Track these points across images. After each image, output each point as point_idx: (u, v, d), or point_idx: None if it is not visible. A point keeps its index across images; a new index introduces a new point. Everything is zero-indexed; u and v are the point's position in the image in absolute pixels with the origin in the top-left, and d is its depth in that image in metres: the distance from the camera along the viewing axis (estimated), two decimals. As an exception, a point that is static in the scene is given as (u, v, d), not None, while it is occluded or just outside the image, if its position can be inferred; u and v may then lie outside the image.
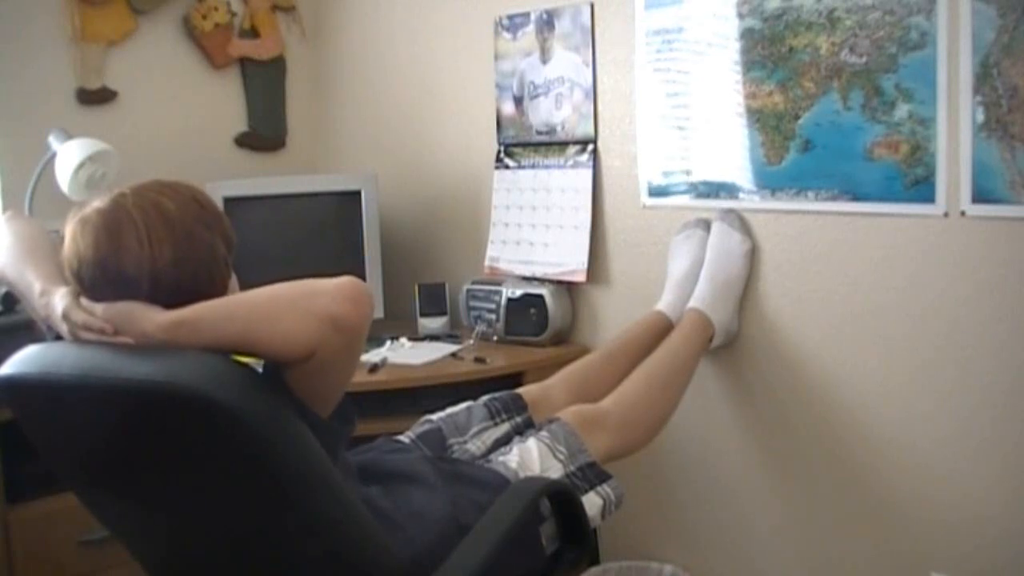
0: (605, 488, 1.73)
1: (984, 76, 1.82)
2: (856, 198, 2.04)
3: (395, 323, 2.81)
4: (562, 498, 1.62)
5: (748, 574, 2.35)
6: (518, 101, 2.69)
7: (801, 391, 2.19)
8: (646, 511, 2.47)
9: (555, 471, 1.70)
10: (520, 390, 1.99)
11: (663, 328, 2.23)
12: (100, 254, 1.31)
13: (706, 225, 2.28)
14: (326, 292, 1.24)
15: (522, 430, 1.86)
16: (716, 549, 2.41)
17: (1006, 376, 1.88)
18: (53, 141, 2.58)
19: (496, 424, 1.87)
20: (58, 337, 1.39)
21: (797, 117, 2.11)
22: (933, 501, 2.01)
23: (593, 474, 1.74)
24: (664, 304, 2.29)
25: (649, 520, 2.50)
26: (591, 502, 1.70)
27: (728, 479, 2.36)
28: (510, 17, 2.68)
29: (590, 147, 2.54)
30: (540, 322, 2.56)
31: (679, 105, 2.33)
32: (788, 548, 2.27)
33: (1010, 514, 1.90)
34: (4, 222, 1.59)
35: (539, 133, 2.65)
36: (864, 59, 1.99)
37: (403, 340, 2.65)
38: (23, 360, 1.34)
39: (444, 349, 2.57)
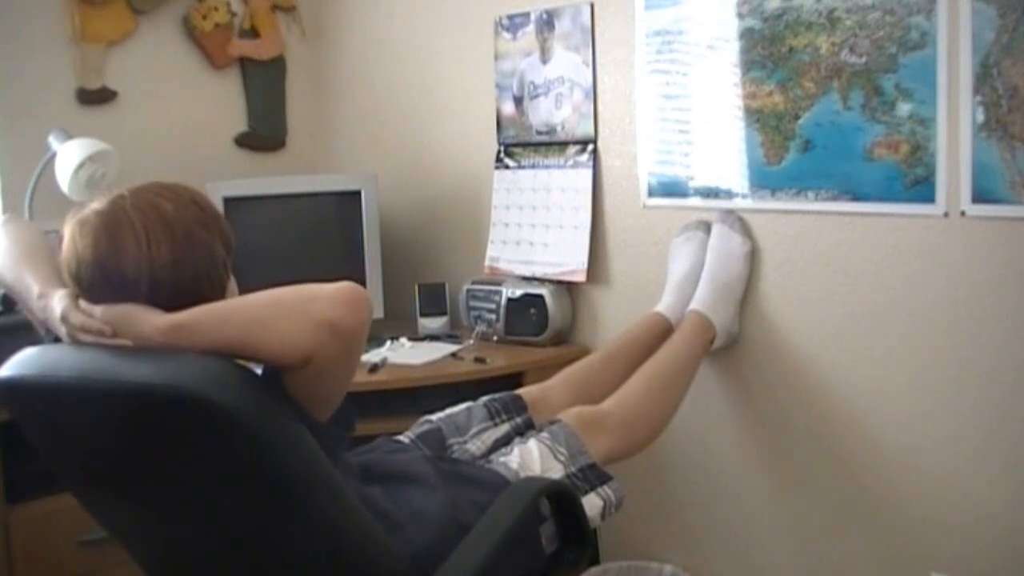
0: (606, 489, 1.73)
1: (984, 76, 1.82)
2: (856, 198, 2.04)
3: (395, 323, 2.81)
4: (562, 498, 1.62)
5: (748, 574, 2.35)
6: (518, 101, 2.69)
7: (801, 391, 2.19)
8: (646, 511, 2.47)
9: (556, 472, 1.70)
10: (520, 391, 1.99)
11: (663, 330, 2.23)
12: (99, 255, 1.31)
13: (706, 227, 2.28)
14: (324, 297, 1.24)
15: (522, 431, 1.86)
16: (716, 549, 2.41)
17: (1006, 376, 1.88)
18: (53, 141, 2.58)
19: (496, 424, 1.87)
20: (56, 339, 1.39)
21: (797, 117, 2.11)
22: (933, 501, 2.01)
23: (594, 475, 1.74)
24: (664, 306, 2.29)
25: (649, 520, 2.50)
26: (591, 503, 1.70)
27: (728, 479, 2.36)
28: (510, 17, 2.68)
29: (590, 147, 2.54)
30: (540, 322, 2.56)
31: (679, 106, 2.33)
32: (788, 548, 2.27)
33: (1010, 513, 1.90)
34: (1, 226, 1.59)
35: (539, 133, 2.65)
36: (864, 59, 1.99)
37: (403, 340, 2.65)
38: (21, 362, 1.34)
39: (444, 349, 2.57)
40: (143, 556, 1.51)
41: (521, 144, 2.70)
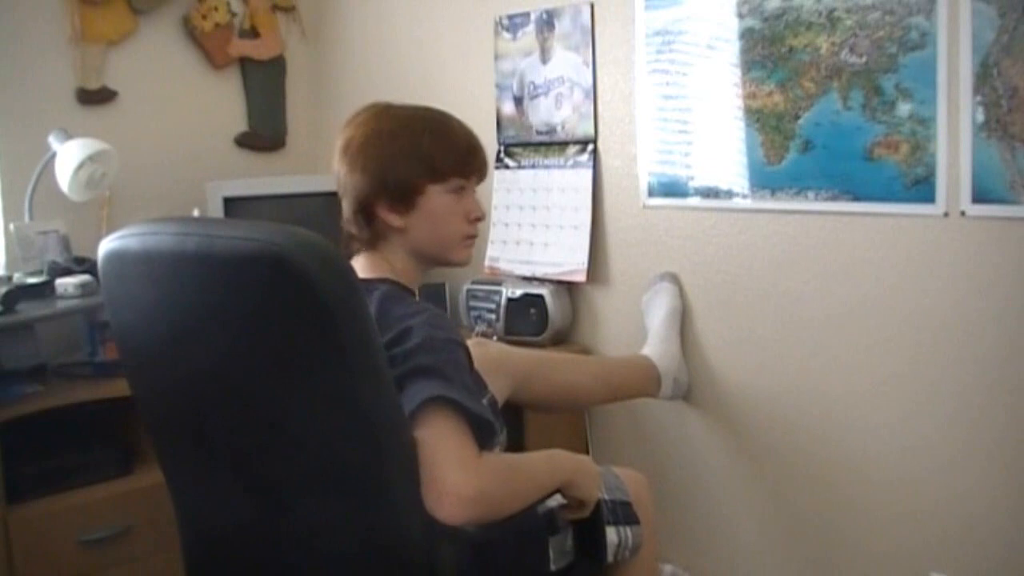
0: (627, 530, 1.68)
1: (984, 76, 1.82)
2: (856, 198, 2.04)
3: (395, 323, 2.81)
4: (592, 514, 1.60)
5: (748, 574, 2.35)
6: (518, 101, 2.69)
7: (800, 390, 2.19)
8: (646, 511, 2.47)
9: None
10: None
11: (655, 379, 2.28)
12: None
13: (670, 276, 2.38)
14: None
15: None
16: (716, 549, 2.41)
17: (1006, 374, 1.88)
18: (53, 141, 2.58)
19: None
20: None
21: (797, 117, 2.11)
22: (933, 500, 2.01)
23: (623, 513, 1.70)
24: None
25: (649, 520, 2.50)
26: (607, 533, 1.65)
27: (728, 479, 2.36)
28: (510, 17, 2.68)
29: (590, 147, 2.54)
30: (540, 322, 2.56)
31: (679, 106, 2.34)
32: (788, 548, 2.27)
33: (1009, 512, 1.90)
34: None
35: (539, 133, 2.65)
36: (864, 59, 1.99)
37: (403, 340, 2.64)
38: (124, 235, 1.43)
39: (444, 349, 2.56)
40: (194, 455, 1.51)
41: (521, 144, 2.70)
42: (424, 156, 1.57)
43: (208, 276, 1.32)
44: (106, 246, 1.45)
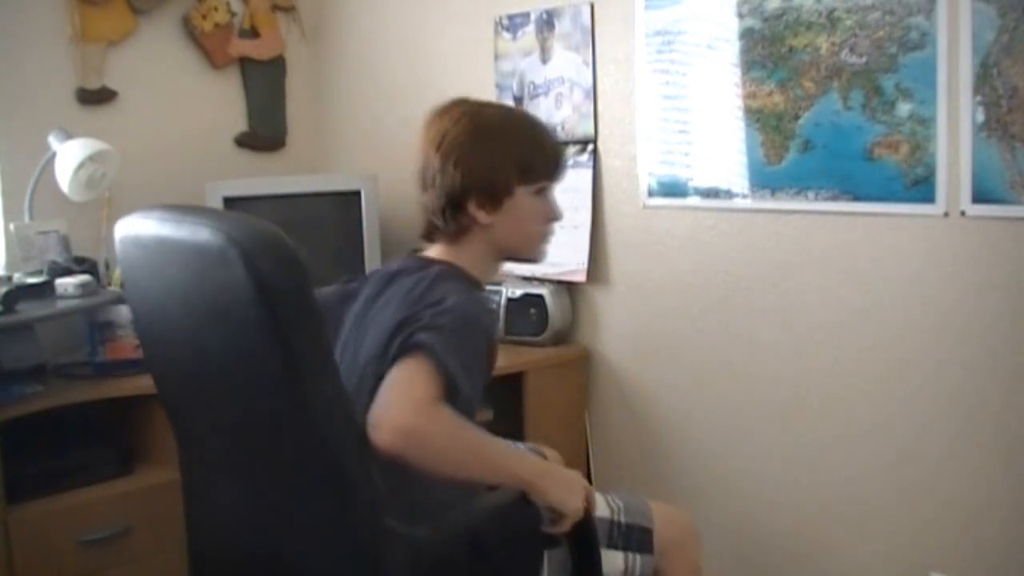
0: (636, 557, 1.63)
1: (984, 76, 1.82)
2: (856, 198, 2.04)
3: (395, 323, 2.81)
4: (582, 529, 1.55)
5: (749, 575, 2.35)
6: (518, 101, 2.69)
7: (799, 388, 2.20)
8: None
9: (600, 511, 1.61)
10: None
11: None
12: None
13: None
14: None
15: None
16: (715, 550, 2.40)
17: (1005, 375, 1.88)
18: (53, 141, 2.57)
19: None
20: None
21: (797, 117, 2.11)
22: (932, 500, 2.01)
23: (637, 539, 1.64)
24: None
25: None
26: (612, 558, 1.61)
27: (728, 479, 2.36)
28: (510, 17, 2.68)
29: (590, 147, 2.54)
30: (540, 322, 2.56)
31: (679, 106, 2.34)
32: (789, 548, 2.27)
33: (1008, 512, 1.90)
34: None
35: (539, 133, 2.65)
36: (864, 59, 1.99)
37: (403, 340, 2.64)
38: (127, 223, 1.49)
39: (444, 349, 2.56)
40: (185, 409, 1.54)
41: (521, 144, 2.70)
42: (517, 158, 1.61)
43: (174, 259, 1.38)
44: (118, 230, 1.52)
